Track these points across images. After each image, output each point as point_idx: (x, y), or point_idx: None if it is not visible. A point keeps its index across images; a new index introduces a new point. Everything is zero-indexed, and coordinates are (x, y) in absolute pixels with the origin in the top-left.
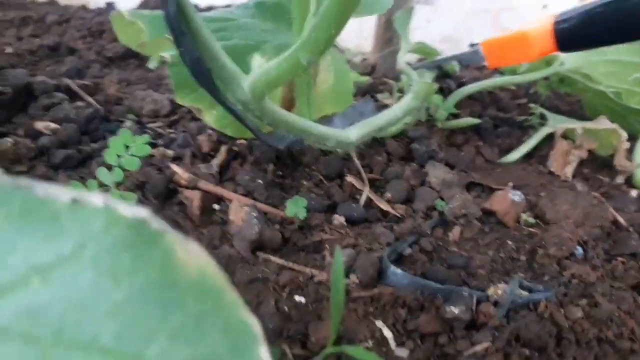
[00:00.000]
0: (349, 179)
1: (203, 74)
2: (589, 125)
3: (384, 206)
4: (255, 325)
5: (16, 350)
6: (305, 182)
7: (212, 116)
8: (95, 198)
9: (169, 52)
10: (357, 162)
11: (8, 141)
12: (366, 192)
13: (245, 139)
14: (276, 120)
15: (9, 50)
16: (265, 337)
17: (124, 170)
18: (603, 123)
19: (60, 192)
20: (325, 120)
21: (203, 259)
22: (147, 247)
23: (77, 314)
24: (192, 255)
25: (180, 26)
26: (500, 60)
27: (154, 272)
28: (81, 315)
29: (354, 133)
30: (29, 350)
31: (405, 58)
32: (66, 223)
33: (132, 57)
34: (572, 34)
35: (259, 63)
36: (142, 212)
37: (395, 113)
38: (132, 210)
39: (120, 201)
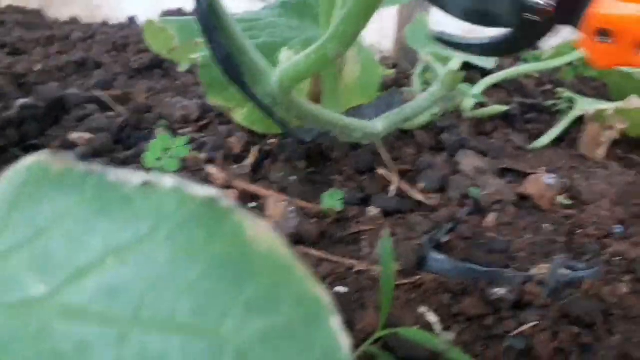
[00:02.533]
0: (380, 171)
1: (233, 69)
2: (620, 105)
3: (418, 196)
4: (325, 297)
5: (95, 329)
6: (337, 177)
7: (240, 114)
8: (166, 179)
9: (200, 54)
10: (386, 153)
11: (44, 153)
12: (396, 183)
13: (275, 137)
14: (303, 112)
15: (38, 67)
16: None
17: (163, 172)
18: (634, 103)
19: (132, 176)
20: (353, 112)
21: (272, 235)
22: (218, 223)
23: (154, 292)
24: (261, 232)
25: (212, 22)
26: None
27: (226, 247)
28: (158, 294)
29: (381, 124)
30: (107, 329)
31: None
32: (139, 205)
33: (157, 68)
34: None
35: (287, 56)
36: (211, 191)
37: (422, 103)
38: (201, 189)
39: (189, 181)
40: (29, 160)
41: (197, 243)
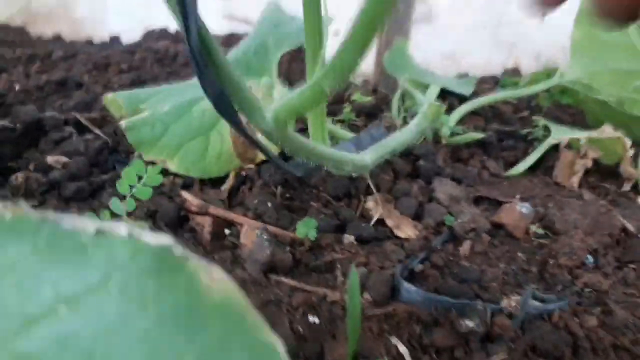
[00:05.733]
0: (357, 198)
1: (225, 106)
2: (593, 134)
3: (394, 223)
4: (278, 344)
5: None
6: (313, 203)
7: (173, 164)
8: (120, 228)
9: (125, 121)
10: (370, 182)
11: (19, 176)
12: (379, 211)
13: (254, 164)
14: (297, 147)
15: (17, 87)
16: None
17: (136, 199)
18: (607, 132)
19: (86, 224)
20: (339, 145)
21: (225, 283)
22: (172, 273)
23: (105, 341)
24: (215, 280)
25: (204, 60)
26: None
27: (179, 297)
28: (110, 343)
29: (369, 156)
30: None
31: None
32: (92, 253)
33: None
34: None
35: (281, 93)
36: (165, 240)
37: (407, 135)
38: (155, 238)
39: (143, 229)
40: None
41: (150, 293)
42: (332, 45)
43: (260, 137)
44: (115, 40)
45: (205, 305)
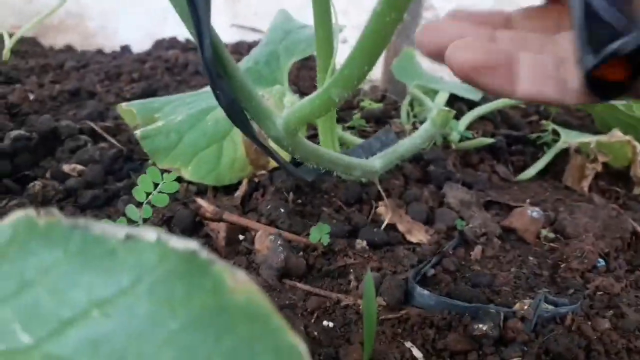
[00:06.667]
0: (369, 203)
1: (237, 114)
2: (602, 138)
3: (405, 228)
4: (302, 346)
5: None
6: (325, 209)
7: (187, 172)
8: (148, 233)
9: (139, 130)
10: (379, 187)
11: (37, 184)
12: (390, 216)
13: (265, 169)
14: (307, 153)
15: (31, 97)
16: None
17: (152, 206)
18: (616, 135)
19: (115, 229)
20: (349, 150)
21: (250, 286)
22: (199, 276)
23: (136, 343)
24: (240, 283)
25: (216, 70)
26: None
27: (207, 299)
28: (140, 345)
29: (378, 162)
30: None
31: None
32: (122, 258)
33: (149, 97)
34: None
35: (291, 101)
36: (192, 244)
37: (416, 141)
38: (182, 242)
39: (171, 235)
40: (16, 215)
41: (178, 296)
42: (340, 54)
43: (271, 144)
44: (125, 49)
45: (231, 307)
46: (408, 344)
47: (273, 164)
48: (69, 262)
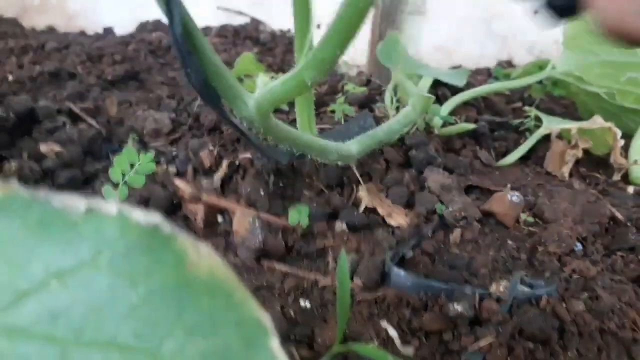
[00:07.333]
0: (349, 186)
1: (210, 93)
2: (584, 125)
3: (385, 211)
4: (266, 319)
5: (37, 349)
6: (306, 192)
7: None
8: (110, 206)
9: None
10: (356, 172)
11: (12, 164)
12: (369, 199)
13: (246, 151)
14: (280, 135)
15: (10, 78)
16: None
17: (129, 187)
18: (597, 122)
19: (76, 202)
20: (326, 133)
21: (213, 260)
22: (161, 250)
23: (96, 315)
24: (203, 256)
25: (187, 47)
26: None
27: (168, 273)
28: (100, 316)
29: (355, 146)
30: (49, 349)
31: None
32: (83, 231)
33: (132, 79)
34: None
35: (263, 82)
36: (155, 218)
37: (394, 126)
38: (145, 216)
39: (133, 208)
40: None
41: (139, 269)
42: (315, 38)
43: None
44: (108, 31)
45: (193, 281)
46: (384, 324)
47: None
48: (27, 233)
